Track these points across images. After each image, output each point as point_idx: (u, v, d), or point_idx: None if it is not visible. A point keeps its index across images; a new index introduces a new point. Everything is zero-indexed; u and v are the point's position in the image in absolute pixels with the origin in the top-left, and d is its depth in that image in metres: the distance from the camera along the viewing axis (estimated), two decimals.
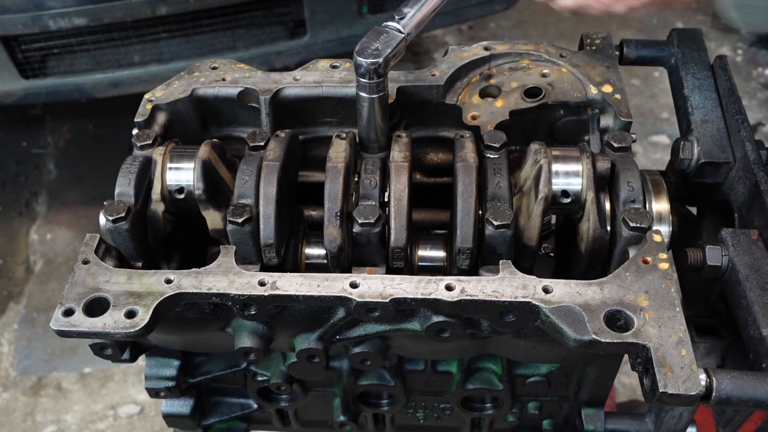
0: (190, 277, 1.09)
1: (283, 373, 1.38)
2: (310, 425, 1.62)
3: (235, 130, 1.40)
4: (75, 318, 1.04)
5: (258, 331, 1.18)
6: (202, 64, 1.40)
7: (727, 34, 4.96)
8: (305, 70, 1.38)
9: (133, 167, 1.19)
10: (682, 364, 0.96)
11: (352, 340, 1.21)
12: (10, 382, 3.38)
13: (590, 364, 1.34)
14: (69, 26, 3.12)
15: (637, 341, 0.98)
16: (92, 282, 1.09)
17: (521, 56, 1.38)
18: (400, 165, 1.17)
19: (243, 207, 1.15)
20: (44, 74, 3.38)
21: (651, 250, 1.08)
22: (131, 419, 3.24)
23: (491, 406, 1.48)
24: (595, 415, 1.44)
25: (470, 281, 1.06)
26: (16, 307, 3.66)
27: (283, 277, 1.08)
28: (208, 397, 1.54)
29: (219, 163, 1.23)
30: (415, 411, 1.55)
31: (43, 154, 4.36)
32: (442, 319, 1.11)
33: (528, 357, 1.32)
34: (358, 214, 1.13)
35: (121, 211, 1.14)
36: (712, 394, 0.97)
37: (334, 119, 1.37)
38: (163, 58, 3.38)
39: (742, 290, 1.12)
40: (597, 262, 1.19)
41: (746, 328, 1.11)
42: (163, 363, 1.37)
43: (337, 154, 1.18)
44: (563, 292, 1.03)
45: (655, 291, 1.03)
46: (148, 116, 1.31)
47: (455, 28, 4.91)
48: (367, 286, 1.06)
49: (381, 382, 1.41)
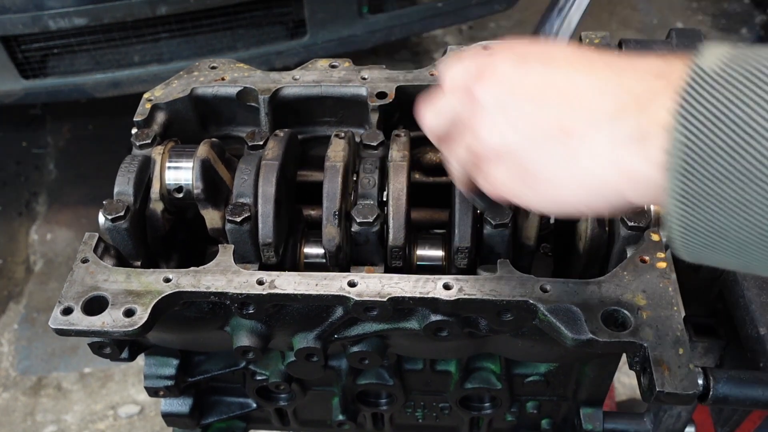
0: (188, 276, 1.09)
1: (281, 372, 1.38)
2: (308, 424, 1.62)
3: (234, 130, 1.40)
4: (74, 317, 1.05)
5: (256, 330, 1.18)
6: (201, 64, 1.40)
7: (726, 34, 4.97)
8: (304, 69, 1.38)
9: (132, 166, 1.19)
10: (680, 363, 0.96)
11: (351, 339, 1.21)
12: (10, 382, 3.38)
13: (589, 364, 1.35)
14: (69, 26, 3.12)
15: (635, 340, 0.98)
16: (91, 281, 1.09)
17: None
18: (399, 164, 1.18)
19: (242, 206, 1.15)
20: (44, 74, 3.39)
21: (649, 250, 1.08)
22: (131, 419, 3.24)
23: (490, 405, 1.48)
24: (593, 414, 1.44)
25: (468, 280, 1.06)
26: (16, 307, 3.66)
27: (281, 276, 1.08)
28: (207, 397, 1.54)
29: (218, 162, 1.23)
30: (414, 410, 1.55)
31: (43, 154, 4.36)
32: (440, 318, 1.11)
33: (526, 356, 1.32)
34: (357, 213, 1.13)
35: (120, 210, 1.15)
36: (709, 393, 0.97)
37: (333, 119, 1.38)
38: (163, 58, 3.39)
39: (740, 289, 1.12)
40: (595, 261, 1.19)
41: (744, 328, 1.11)
42: (162, 362, 1.37)
43: (336, 154, 1.18)
44: (561, 291, 1.04)
45: (652, 290, 1.04)
46: (147, 116, 1.31)
47: (455, 28, 4.92)
48: (365, 285, 1.07)
49: (380, 381, 1.42)
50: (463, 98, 0.87)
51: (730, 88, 0.61)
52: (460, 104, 0.88)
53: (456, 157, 0.94)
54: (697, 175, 0.63)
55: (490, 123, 0.82)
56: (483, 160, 0.86)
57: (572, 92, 0.75)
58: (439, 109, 0.94)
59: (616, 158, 0.70)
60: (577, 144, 0.73)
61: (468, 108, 0.86)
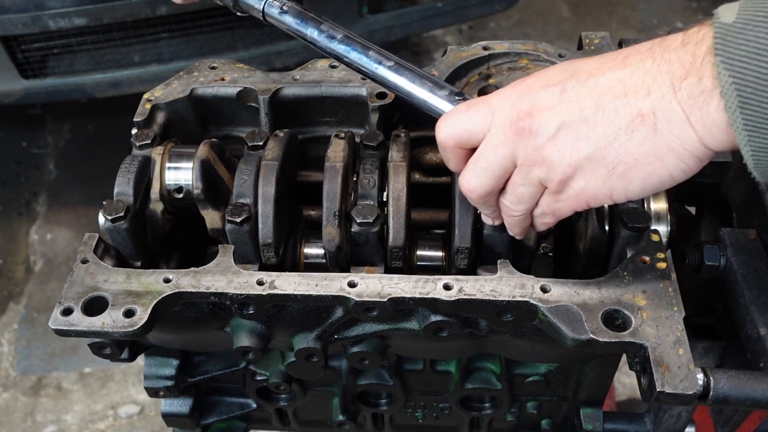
0: (188, 277, 1.09)
1: (282, 372, 1.38)
2: (309, 425, 1.62)
3: (234, 130, 1.40)
4: (74, 317, 1.05)
5: (256, 330, 1.18)
6: (201, 64, 1.40)
7: None
8: (304, 69, 1.38)
9: (132, 167, 1.19)
10: (680, 363, 0.96)
11: (351, 340, 1.21)
12: (10, 382, 3.38)
13: (589, 364, 1.35)
14: (69, 26, 3.12)
15: (635, 340, 0.98)
16: (91, 281, 1.09)
17: (520, 56, 1.38)
18: (399, 164, 1.18)
19: (242, 206, 1.15)
20: (44, 74, 3.38)
21: (649, 250, 1.08)
22: (131, 419, 3.24)
23: (490, 405, 1.48)
24: (593, 414, 1.44)
25: (468, 280, 1.06)
26: (16, 307, 3.66)
27: (281, 276, 1.08)
28: (207, 397, 1.54)
29: (218, 162, 1.23)
30: (414, 410, 1.55)
31: (43, 154, 4.36)
32: (441, 319, 1.11)
33: (526, 356, 1.32)
34: (357, 213, 1.13)
35: (120, 211, 1.15)
36: (709, 393, 0.97)
37: (333, 119, 1.38)
38: (163, 58, 3.39)
39: (740, 290, 1.12)
40: (595, 261, 1.19)
41: (744, 328, 1.11)
42: (162, 362, 1.37)
43: (336, 154, 1.18)
44: (561, 292, 1.04)
45: (653, 290, 1.03)
46: (147, 116, 1.31)
47: (455, 28, 4.92)
48: (365, 285, 1.07)
49: (380, 381, 1.42)
50: (515, 140, 0.92)
51: (753, 28, 0.77)
52: (510, 149, 0.93)
53: (518, 198, 0.99)
54: (752, 105, 0.77)
55: (561, 146, 0.90)
56: (561, 183, 0.92)
57: (625, 85, 0.86)
58: (485, 167, 0.97)
59: (690, 116, 0.82)
60: (653, 121, 0.84)
61: (524, 146, 0.92)
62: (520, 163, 0.94)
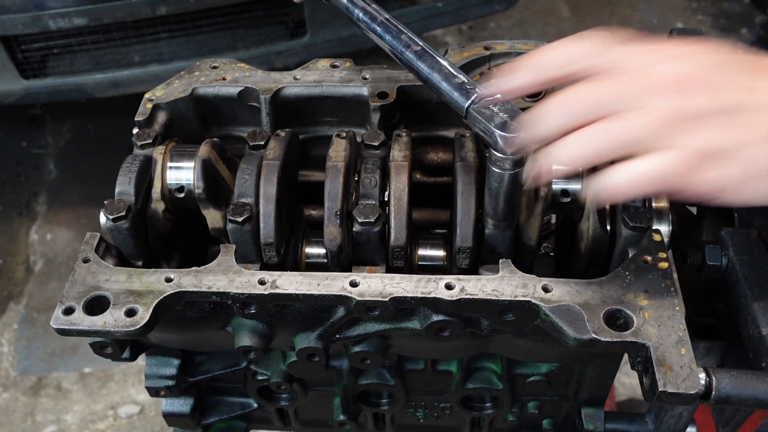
0: (190, 276, 1.09)
1: (283, 372, 1.38)
2: (310, 424, 1.62)
3: (236, 130, 1.40)
4: (75, 316, 1.05)
5: (258, 330, 1.18)
6: (202, 64, 1.40)
7: (726, 34, 4.97)
8: (305, 69, 1.38)
9: (133, 166, 1.19)
10: (682, 363, 0.96)
11: (352, 339, 1.21)
12: (10, 382, 3.38)
13: (590, 364, 1.35)
14: (69, 26, 3.12)
15: (637, 340, 0.98)
16: (92, 280, 1.09)
17: (521, 56, 1.38)
18: (400, 164, 1.18)
19: (243, 206, 1.15)
20: (44, 74, 3.39)
21: (651, 250, 1.08)
22: (131, 419, 3.24)
23: (491, 405, 1.48)
24: (594, 414, 1.44)
25: (470, 280, 1.06)
26: (16, 307, 3.66)
27: (282, 276, 1.08)
28: (208, 396, 1.54)
29: (219, 162, 1.23)
30: (415, 410, 1.55)
31: (43, 154, 4.36)
32: (442, 318, 1.11)
33: (528, 356, 1.32)
34: (358, 213, 1.13)
35: (121, 210, 1.15)
36: (711, 393, 0.97)
37: (335, 119, 1.37)
38: (163, 58, 3.39)
39: (742, 290, 1.12)
40: (597, 261, 1.19)
41: (746, 328, 1.11)
42: (163, 362, 1.37)
43: (337, 154, 1.18)
44: (563, 291, 1.04)
45: (654, 290, 1.03)
46: (149, 115, 1.31)
47: (455, 28, 4.91)
48: (366, 285, 1.07)
49: (381, 381, 1.42)
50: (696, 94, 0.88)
51: None
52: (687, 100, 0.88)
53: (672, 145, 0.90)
54: None
55: (726, 123, 0.87)
56: (709, 158, 0.88)
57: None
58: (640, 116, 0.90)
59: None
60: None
61: (706, 103, 0.88)
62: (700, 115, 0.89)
